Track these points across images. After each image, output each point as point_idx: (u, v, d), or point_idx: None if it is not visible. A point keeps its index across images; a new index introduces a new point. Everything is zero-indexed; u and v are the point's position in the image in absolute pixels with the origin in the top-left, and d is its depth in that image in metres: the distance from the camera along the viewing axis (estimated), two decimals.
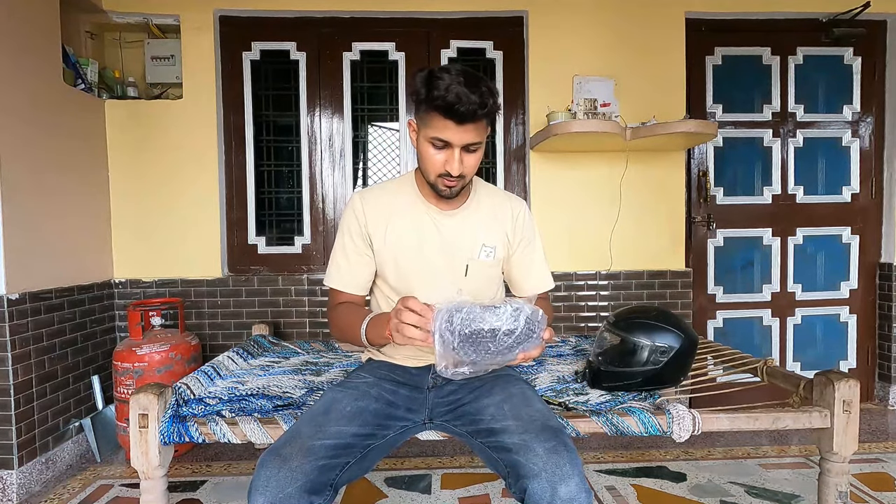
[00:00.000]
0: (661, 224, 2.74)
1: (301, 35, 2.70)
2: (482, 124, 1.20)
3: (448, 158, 1.21)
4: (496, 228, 1.38)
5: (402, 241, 1.33)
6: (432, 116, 1.18)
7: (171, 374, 2.23)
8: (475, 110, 1.14)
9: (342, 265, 1.36)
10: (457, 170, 1.21)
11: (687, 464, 2.23)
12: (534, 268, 1.45)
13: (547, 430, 1.11)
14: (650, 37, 2.69)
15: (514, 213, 1.41)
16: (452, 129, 1.17)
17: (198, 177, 2.63)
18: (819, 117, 2.91)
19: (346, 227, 1.36)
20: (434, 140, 1.20)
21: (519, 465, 1.06)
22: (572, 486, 1.01)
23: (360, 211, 1.34)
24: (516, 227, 1.41)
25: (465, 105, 1.12)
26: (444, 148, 1.21)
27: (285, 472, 1.03)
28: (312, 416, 1.18)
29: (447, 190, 1.26)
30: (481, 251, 1.36)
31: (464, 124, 1.16)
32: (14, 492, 1.97)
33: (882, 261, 2.96)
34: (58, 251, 2.24)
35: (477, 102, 1.13)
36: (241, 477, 2.14)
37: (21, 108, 2.06)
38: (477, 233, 1.36)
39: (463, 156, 1.21)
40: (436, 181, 1.26)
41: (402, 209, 1.34)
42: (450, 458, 2.30)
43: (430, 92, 1.14)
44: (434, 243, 1.33)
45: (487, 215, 1.38)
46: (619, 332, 1.52)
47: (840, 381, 1.43)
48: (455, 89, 1.12)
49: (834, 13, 2.77)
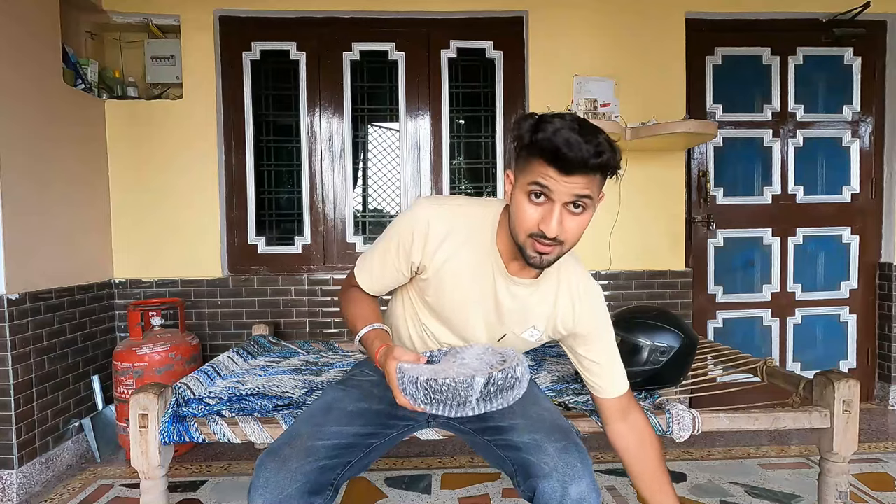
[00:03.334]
0: (661, 224, 2.74)
1: (301, 35, 2.70)
2: (595, 179, 0.97)
3: (546, 216, 0.98)
4: (553, 315, 1.19)
5: (453, 285, 1.15)
6: (533, 163, 0.97)
7: (171, 374, 2.23)
8: (587, 159, 0.93)
9: (375, 268, 1.21)
10: (554, 230, 0.98)
11: (687, 464, 2.23)
12: (613, 367, 1.22)
13: (557, 429, 1.11)
14: (650, 37, 2.69)
15: (578, 306, 1.18)
16: (556, 178, 0.95)
17: (198, 177, 2.63)
18: (819, 117, 2.91)
19: (398, 237, 1.15)
20: (533, 187, 0.98)
21: (529, 464, 1.06)
22: (583, 486, 1.01)
23: (420, 234, 1.12)
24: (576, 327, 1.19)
25: (574, 151, 0.92)
26: (543, 202, 0.99)
27: (284, 474, 1.02)
28: (312, 416, 1.16)
29: (537, 258, 1.02)
30: (527, 331, 1.20)
31: (571, 175, 0.95)
32: (14, 492, 1.97)
33: (882, 261, 2.96)
34: (58, 251, 2.24)
35: (591, 151, 0.93)
36: (241, 477, 2.14)
37: (21, 108, 2.06)
38: (535, 313, 1.18)
39: (564, 215, 0.98)
40: (525, 242, 1.02)
41: (469, 253, 1.13)
42: (450, 457, 2.30)
43: (536, 134, 0.95)
44: (487, 305, 1.16)
45: (551, 299, 1.18)
46: (619, 332, 1.52)
47: (840, 381, 1.44)
48: (566, 134, 0.93)
49: (834, 13, 2.77)
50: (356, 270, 1.25)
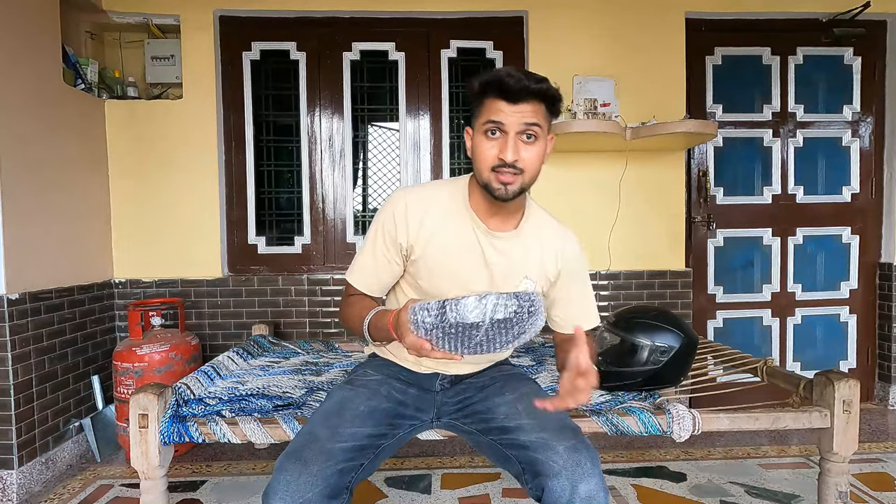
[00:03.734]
0: (661, 224, 2.74)
1: (301, 35, 2.70)
2: (539, 107, 1.10)
3: (502, 147, 1.10)
4: (540, 261, 1.27)
5: (443, 257, 1.21)
6: (484, 103, 1.11)
7: (171, 374, 2.23)
8: (528, 86, 1.06)
9: (367, 266, 1.25)
10: (511, 156, 1.09)
11: (687, 464, 2.23)
12: (584, 303, 1.32)
13: (566, 429, 1.11)
14: (650, 37, 2.69)
15: (563, 248, 1.29)
16: (505, 110, 1.08)
17: (198, 177, 2.63)
18: (819, 117, 2.91)
19: (381, 228, 1.22)
20: (487, 125, 1.11)
21: (537, 463, 1.06)
22: (592, 485, 1.02)
23: (401, 216, 1.20)
24: (561, 266, 1.28)
25: (516, 79, 1.06)
26: (498, 136, 1.11)
27: (306, 478, 1.01)
28: (326, 417, 1.15)
29: (502, 188, 1.12)
30: (522, 282, 1.25)
31: (518, 103, 1.08)
32: (14, 492, 1.97)
33: (882, 261, 2.96)
34: (58, 251, 2.24)
35: (532, 79, 1.07)
36: (241, 477, 2.14)
37: (21, 108, 2.06)
38: (524, 264, 1.25)
39: (519, 144, 1.10)
40: (489, 178, 1.12)
41: (449, 222, 1.21)
42: (450, 458, 2.30)
43: (485, 77, 1.10)
44: (477, 266, 1.22)
45: (536, 247, 1.26)
46: (619, 332, 1.53)
47: (840, 381, 1.44)
48: (507, 70, 1.08)
49: (834, 13, 2.77)
50: (349, 276, 1.28)
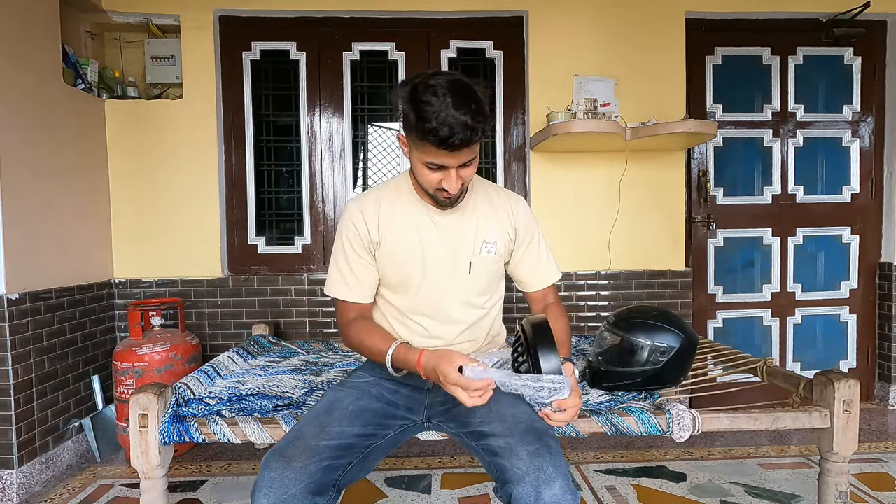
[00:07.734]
0: (661, 224, 2.74)
1: (301, 35, 2.70)
2: (476, 146, 1.17)
3: (445, 178, 1.18)
4: (496, 224, 1.35)
5: (404, 244, 1.30)
6: (425, 145, 1.13)
7: (171, 374, 2.23)
8: (468, 140, 1.10)
9: (346, 274, 1.32)
10: (455, 188, 1.19)
11: (687, 464, 2.23)
12: (540, 263, 1.42)
13: (531, 432, 1.09)
14: (650, 37, 2.69)
15: (513, 209, 1.38)
16: (447, 157, 1.14)
17: (198, 177, 2.63)
18: (819, 117, 2.91)
19: (346, 238, 1.32)
20: (429, 164, 1.17)
21: (504, 469, 1.06)
22: (556, 490, 1.00)
23: (358, 220, 1.31)
24: (517, 224, 1.38)
25: (458, 136, 1.08)
26: (440, 170, 1.17)
27: (289, 473, 1.03)
28: (315, 417, 1.18)
29: (448, 202, 1.24)
30: (482, 247, 1.33)
31: (458, 151, 1.13)
32: (14, 492, 1.97)
33: (882, 261, 2.96)
34: (58, 251, 2.24)
35: (470, 128, 1.09)
36: (241, 477, 2.14)
37: (21, 108, 2.06)
38: (477, 229, 1.33)
39: (459, 171, 1.18)
40: (435, 194, 1.23)
41: (400, 213, 1.31)
42: (450, 458, 2.30)
43: (421, 123, 1.09)
44: (436, 243, 1.31)
45: (486, 212, 1.35)
46: (619, 332, 1.52)
47: (840, 381, 1.44)
48: (446, 119, 1.07)
49: (834, 13, 2.77)
50: (331, 291, 1.35)
